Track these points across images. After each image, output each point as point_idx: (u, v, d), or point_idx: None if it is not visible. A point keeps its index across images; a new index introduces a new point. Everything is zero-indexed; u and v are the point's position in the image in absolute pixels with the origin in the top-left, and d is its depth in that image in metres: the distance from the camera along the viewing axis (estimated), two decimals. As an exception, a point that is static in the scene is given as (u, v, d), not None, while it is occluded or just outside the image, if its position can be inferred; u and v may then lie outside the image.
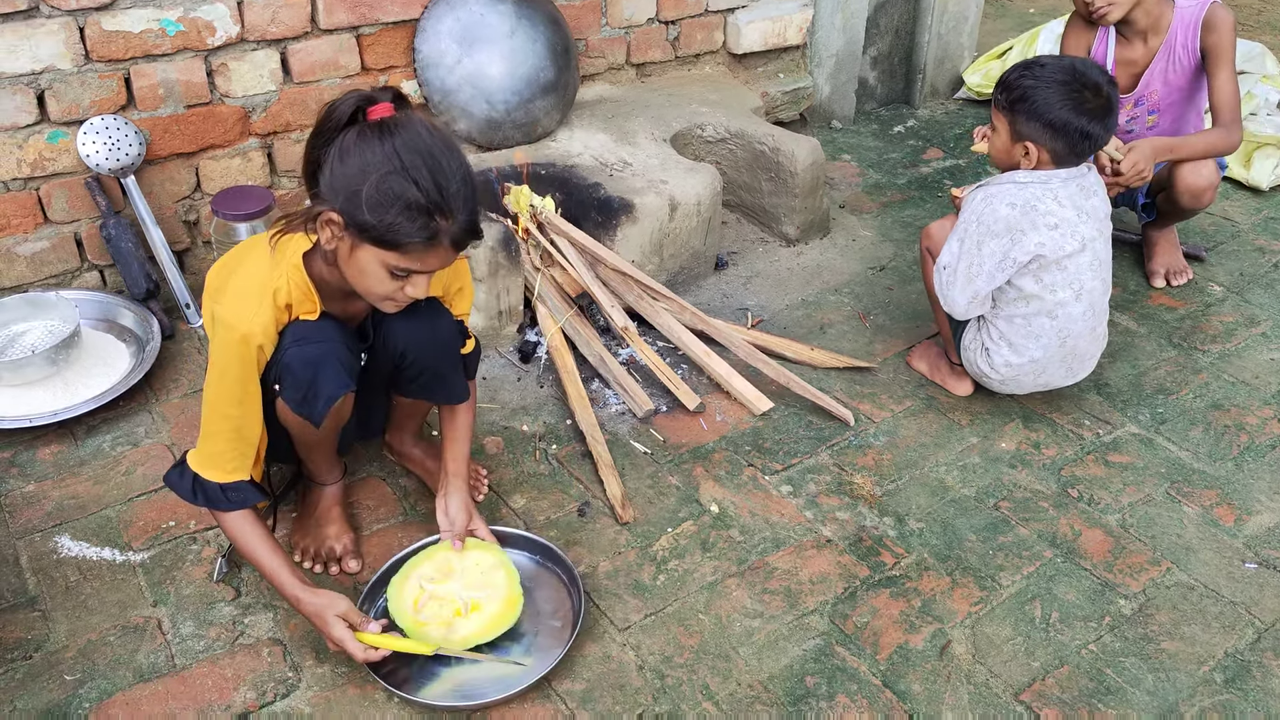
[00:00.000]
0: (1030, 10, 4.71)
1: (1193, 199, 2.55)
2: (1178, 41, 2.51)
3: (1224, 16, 2.46)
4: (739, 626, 1.80)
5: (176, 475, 1.71)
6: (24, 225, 2.42)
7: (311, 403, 1.66)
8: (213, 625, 1.78)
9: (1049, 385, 2.24)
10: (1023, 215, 2.05)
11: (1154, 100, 2.61)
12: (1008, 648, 1.76)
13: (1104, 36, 2.58)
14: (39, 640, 1.75)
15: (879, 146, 3.54)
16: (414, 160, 1.46)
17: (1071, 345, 2.16)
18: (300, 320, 1.65)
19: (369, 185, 1.45)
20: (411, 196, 1.46)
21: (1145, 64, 2.57)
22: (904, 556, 1.94)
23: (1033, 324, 2.13)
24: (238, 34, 2.46)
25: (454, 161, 1.51)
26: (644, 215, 2.55)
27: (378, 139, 1.47)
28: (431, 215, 1.48)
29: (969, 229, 2.10)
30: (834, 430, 2.25)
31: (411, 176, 1.46)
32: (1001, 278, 2.10)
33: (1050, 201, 2.06)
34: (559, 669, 1.69)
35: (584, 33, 3.00)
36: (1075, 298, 2.11)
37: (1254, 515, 2.04)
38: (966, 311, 2.17)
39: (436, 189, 1.47)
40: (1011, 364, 2.18)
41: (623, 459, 2.15)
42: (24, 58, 2.26)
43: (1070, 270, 2.08)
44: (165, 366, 2.38)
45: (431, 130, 1.52)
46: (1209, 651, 1.76)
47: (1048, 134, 2.04)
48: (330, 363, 1.65)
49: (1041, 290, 2.09)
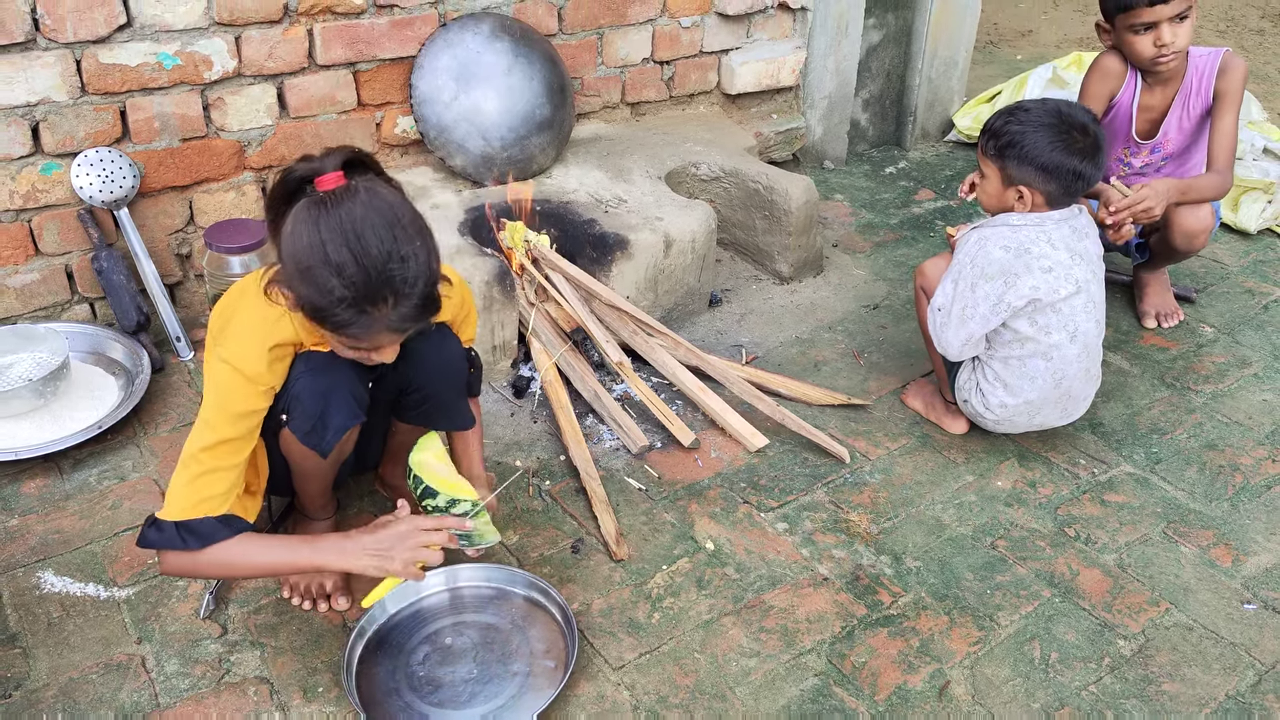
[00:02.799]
0: (1019, 57, 4.78)
1: (1187, 241, 2.57)
2: (1192, 90, 2.55)
3: (1238, 63, 2.51)
4: (735, 666, 1.77)
5: (155, 534, 1.57)
6: (15, 257, 2.41)
7: (320, 433, 1.64)
8: (198, 663, 1.75)
9: (1044, 425, 2.24)
10: (1016, 258, 2.06)
11: (1169, 147, 2.63)
12: (1007, 688, 1.74)
13: (1132, 82, 2.59)
14: (19, 678, 1.71)
15: (871, 187, 3.57)
16: (339, 253, 1.40)
17: (1066, 387, 2.16)
18: (311, 351, 1.63)
19: (298, 275, 1.43)
20: (335, 290, 1.42)
21: (1162, 110, 2.59)
22: (901, 595, 1.92)
23: (1028, 365, 2.13)
24: (235, 68, 2.47)
25: (391, 245, 1.42)
26: (639, 251, 2.55)
27: (313, 221, 1.42)
28: (362, 307, 1.44)
29: (963, 271, 2.11)
30: (829, 467, 2.23)
31: (336, 270, 1.41)
32: (996, 321, 2.10)
33: (1044, 244, 2.07)
34: (552, 709, 1.66)
35: (580, 71, 3.02)
36: (1070, 340, 2.11)
37: (1251, 556, 2.03)
38: (960, 353, 2.17)
39: (366, 280, 1.41)
40: (1007, 405, 2.18)
41: (617, 495, 2.13)
42: (19, 89, 2.26)
43: (1065, 313, 2.09)
44: (154, 400, 2.36)
45: (376, 207, 1.43)
46: (1210, 694, 1.74)
47: (1041, 177, 2.05)
48: (341, 393, 1.63)
49: (1036, 333, 2.10)
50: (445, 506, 1.71)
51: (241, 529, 1.60)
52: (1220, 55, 2.52)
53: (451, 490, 1.71)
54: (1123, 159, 2.71)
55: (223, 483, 1.58)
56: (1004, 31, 5.17)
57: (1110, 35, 2.55)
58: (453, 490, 1.71)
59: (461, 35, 2.69)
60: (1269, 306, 2.88)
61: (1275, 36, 5.12)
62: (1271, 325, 2.79)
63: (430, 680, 1.72)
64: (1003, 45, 4.97)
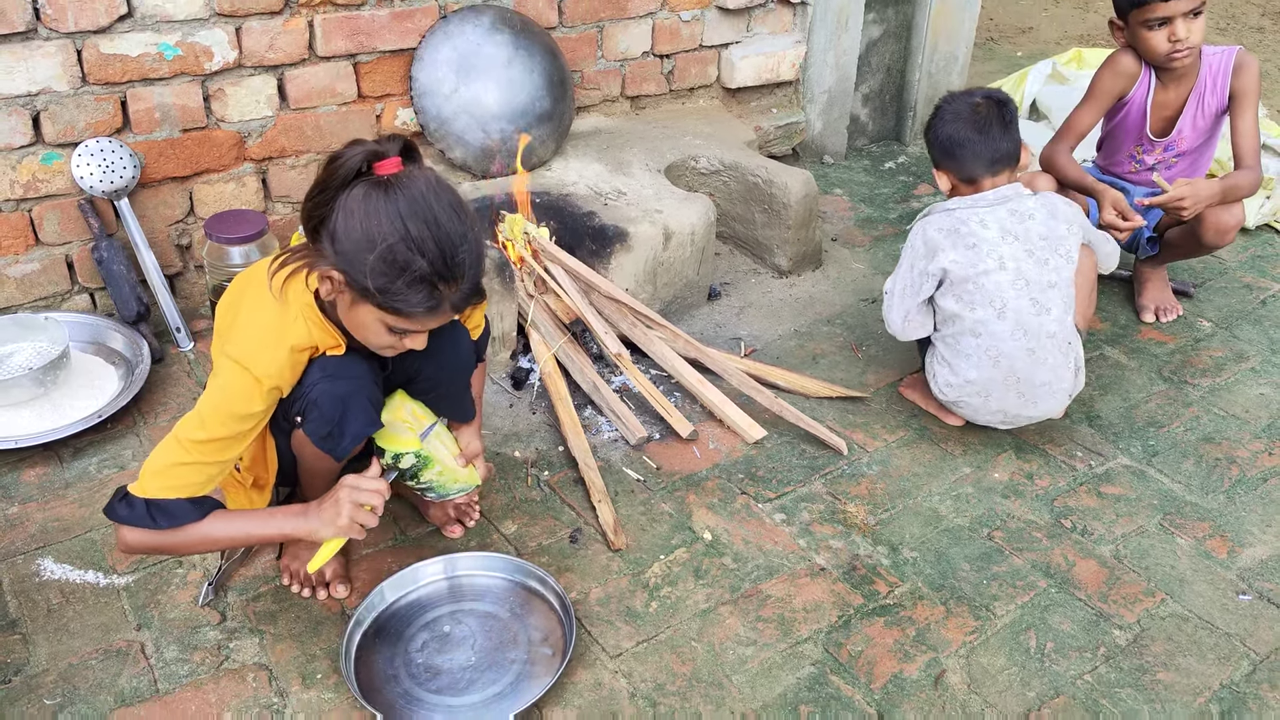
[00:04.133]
0: (1018, 54, 4.79)
1: (1218, 236, 2.57)
2: (1206, 88, 2.55)
3: (1252, 61, 2.53)
4: (732, 654, 1.77)
5: (125, 509, 1.56)
6: (15, 247, 2.41)
7: (336, 439, 1.64)
8: (197, 649, 1.75)
9: (1009, 414, 2.22)
10: (945, 237, 2.16)
11: (1182, 145, 2.64)
12: (1003, 677, 1.75)
13: (1146, 80, 2.58)
14: (19, 664, 1.72)
15: (870, 182, 3.57)
16: (420, 229, 1.43)
17: (1008, 367, 2.15)
18: (328, 355, 1.63)
19: (375, 254, 1.42)
20: (417, 268, 1.43)
21: (1176, 109, 2.59)
22: (898, 585, 1.93)
23: (961, 343, 2.19)
24: (235, 59, 2.47)
25: (460, 226, 1.47)
26: (638, 244, 2.56)
27: (383, 200, 1.43)
28: (435, 285, 1.46)
29: (906, 254, 2.26)
30: (827, 459, 2.24)
31: (418, 247, 1.43)
32: (918, 293, 2.21)
33: (975, 224, 2.15)
34: (549, 696, 1.67)
35: (580, 65, 3.03)
36: (997, 316, 2.13)
37: (1247, 547, 2.04)
38: (903, 330, 2.27)
39: (442, 259, 1.44)
40: (952, 384, 2.22)
41: (615, 486, 2.14)
42: (20, 79, 2.26)
43: (988, 288, 2.13)
44: (154, 390, 2.36)
45: (439, 189, 1.47)
46: (1205, 683, 1.75)
47: (939, 153, 2.23)
48: (359, 400, 1.63)
49: (962, 309, 2.16)
50: (390, 463, 1.74)
51: (211, 508, 1.60)
52: (1234, 54, 2.53)
53: (391, 444, 1.73)
54: (1135, 156, 2.70)
55: (203, 474, 1.57)
56: (1004, 28, 5.17)
57: (1123, 33, 2.55)
58: (392, 444, 1.73)
59: (462, 27, 2.70)
60: (1267, 301, 2.89)
61: (1275, 34, 5.13)
62: (1269, 320, 2.80)
63: (429, 667, 1.73)
64: (1003, 41, 4.98)
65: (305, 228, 1.54)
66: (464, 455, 1.85)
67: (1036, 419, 2.25)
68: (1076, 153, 2.70)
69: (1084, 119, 2.64)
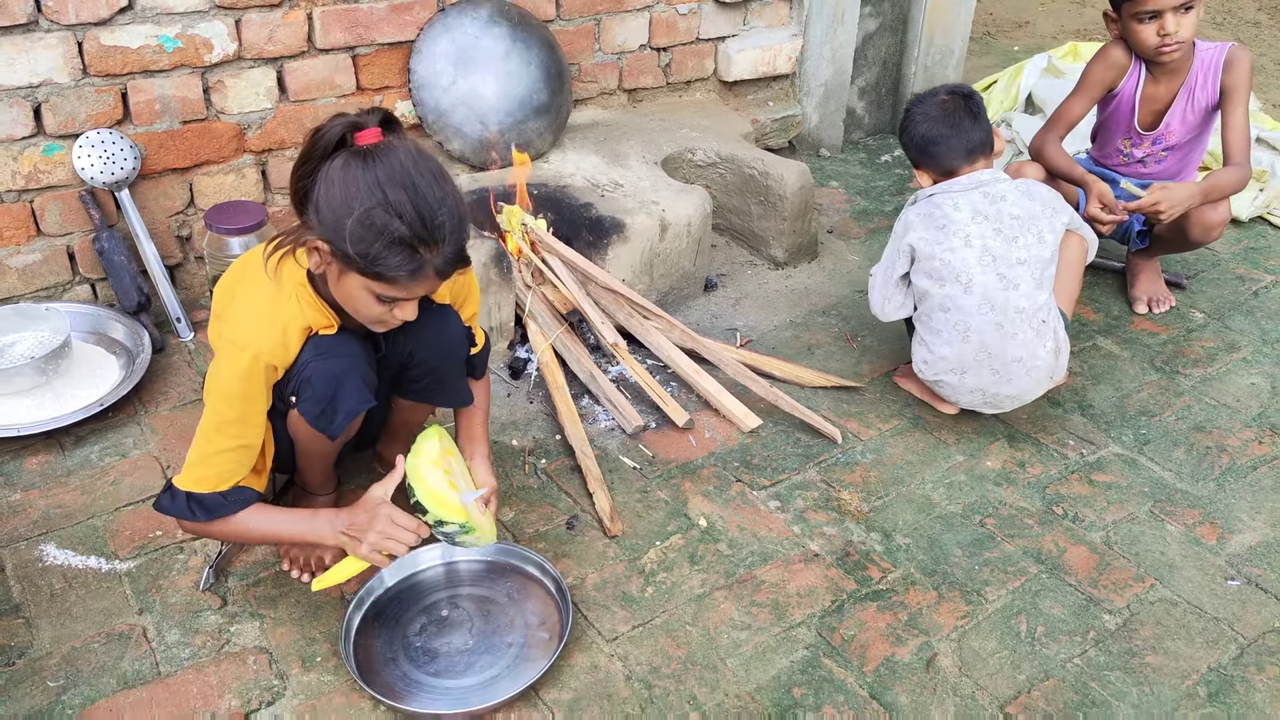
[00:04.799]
0: (1015, 48, 4.80)
1: (1204, 233, 2.59)
2: (1197, 83, 2.56)
3: (1244, 56, 2.53)
4: (726, 638, 1.80)
5: (168, 500, 1.66)
6: (16, 237, 2.43)
7: (330, 417, 1.66)
8: (199, 633, 1.78)
9: (986, 391, 2.23)
10: (921, 220, 2.23)
11: (1171, 139, 2.65)
12: (993, 660, 1.77)
13: (1135, 72, 2.60)
14: (22, 647, 1.74)
15: (866, 174, 3.59)
16: (398, 194, 1.45)
17: (978, 341, 2.17)
18: (321, 335, 1.65)
19: (353, 219, 1.45)
20: (395, 231, 1.45)
21: (1166, 103, 2.60)
22: (890, 571, 1.95)
23: (934, 319, 2.24)
24: (235, 52, 2.49)
25: (439, 190, 1.49)
26: (635, 235, 2.58)
27: (362, 168, 1.46)
28: (415, 249, 1.48)
29: (891, 240, 2.32)
30: (822, 448, 2.26)
31: (395, 210, 1.45)
32: (893, 269, 2.28)
33: (949, 207, 2.21)
34: (546, 678, 1.69)
35: (577, 57, 3.04)
36: (964, 291, 2.17)
37: (1236, 534, 2.06)
38: (882, 310, 2.33)
39: (420, 222, 1.46)
40: (929, 361, 2.26)
41: (612, 474, 2.16)
42: (22, 71, 2.28)
43: (954, 264, 2.18)
44: (155, 379, 2.38)
45: (419, 157, 1.50)
46: (1192, 666, 1.77)
47: (915, 153, 2.29)
48: (352, 378, 1.66)
49: (932, 286, 2.22)
50: (432, 525, 1.69)
51: (249, 500, 1.67)
52: (1226, 49, 2.54)
53: (440, 509, 1.68)
54: (1122, 149, 2.72)
55: (229, 463, 1.63)
56: (1000, 22, 5.19)
57: (1116, 25, 2.57)
58: (441, 509, 1.68)
59: (460, 20, 2.71)
60: (1259, 292, 2.91)
61: (1271, 29, 5.15)
62: (1260, 311, 2.82)
63: (427, 650, 1.75)
64: (999, 36, 4.99)
65: (293, 202, 1.57)
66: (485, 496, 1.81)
67: (1017, 399, 2.24)
68: (1072, 144, 2.71)
69: (1074, 109, 2.66)
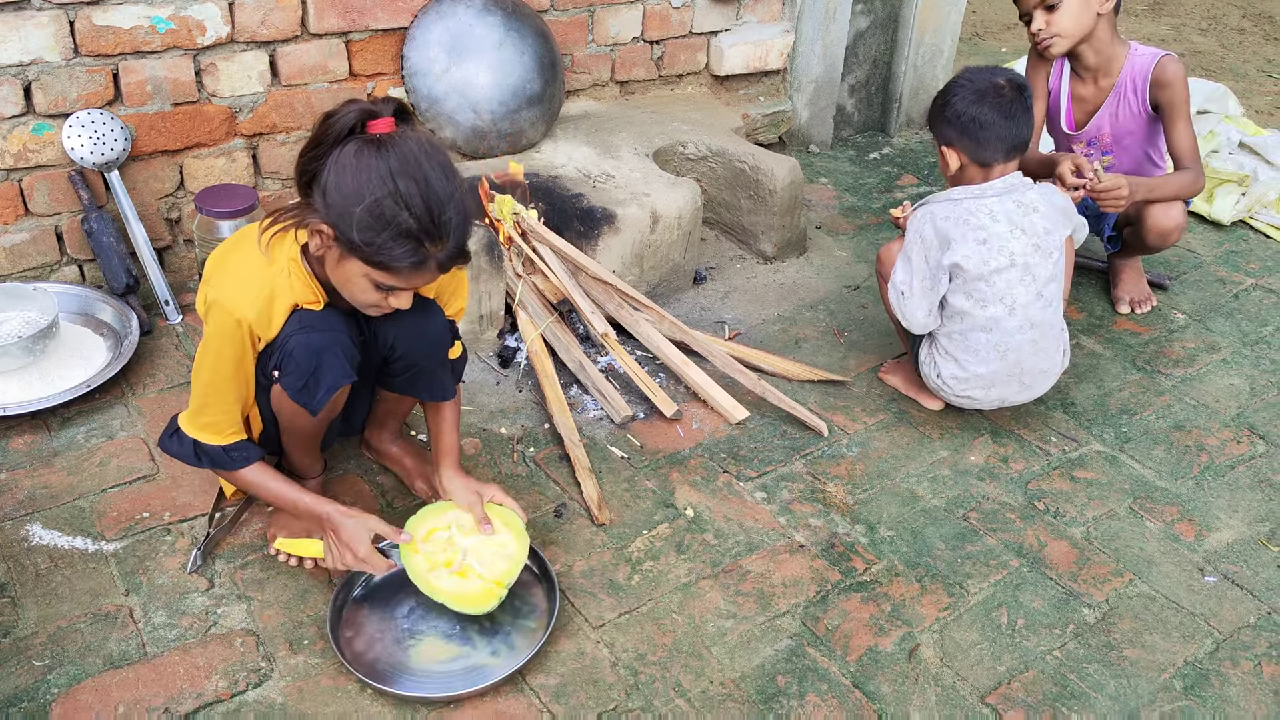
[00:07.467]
0: (1003, 50, 4.84)
1: (1160, 239, 2.63)
2: (1127, 87, 2.59)
3: (1174, 70, 2.53)
4: (712, 626, 1.82)
5: (175, 443, 1.74)
6: (4, 217, 2.42)
7: (312, 390, 1.67)
8: (185, 615, 1.78)
9: (1005, 401, 2.28)
10: (954, 228, 2.13)
11: (1105, 142, 2.69)
12: (974, 652, 1.80)
13: (1059, 70, 2.67)
14: (7, 626, 1.74)
15: (855, 171, 3.61)
16: (408, 186, 1.46)
17: (1014, 359, 2.19)
18: (305, 309, 1.66)
19: (362, 207, 1.46)
20: (403, 223, 1.46)
21: (1097, 104, 2.65)
22: (875, 563, 1.97)
23: (970, 339, 2.19)
24: (228, 34, 2.48)
25: (449, 186, 1.50)
26: (626, 226, 2.59)
27: (375, 157, 1.47)
28: (421, 242, 1.49)
29: (913, 247, 2.20)
30: (808, 440, 2.28)
31: (405, 203, 1.46)
32: (934, 287, 2.17)
33: (984, 216, 2.13)
34: (532, 664, 1.70)
35: (571, 48, 3.05)
36: (1009, 313, 2.15)
37: (1213, 531, 2.10)
38: (925, 325, 2.23)
39: (428, 215, 1.47)
40: (958, 377, 2.24)
41: (600, 463, 2.17)
42: (13, 48, 2.27)
43: (999, 285, 2.14)
44: (143, 361, 2.38)
45: (431, 150, 1.51)
46: (1169, 660, 1.80)
47: (954, 131, 2.16)
48: (334, 352, 1.66)
49: (972, 306, 2.16)
50: None
51: (253, 457, 1.75)
52: (1155, 61, 2.54)
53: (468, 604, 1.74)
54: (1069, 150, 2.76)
55: (214, 416, 1.71)
56: (989, 24, 5.22)
57: None
58: (469, 603, 1.74)
59: (454, 7, 2.71)
60: (1239, 295, 2.95)
61: (1255, 35, 5.20)
62: (1241, 313, 2.86)
63: (415, 634, 1.76)
64: (988, 37, 5.03)
65: (298, 183, 1.57)
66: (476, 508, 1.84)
67: (1025, 402, 2.31)
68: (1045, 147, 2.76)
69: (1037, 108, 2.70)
